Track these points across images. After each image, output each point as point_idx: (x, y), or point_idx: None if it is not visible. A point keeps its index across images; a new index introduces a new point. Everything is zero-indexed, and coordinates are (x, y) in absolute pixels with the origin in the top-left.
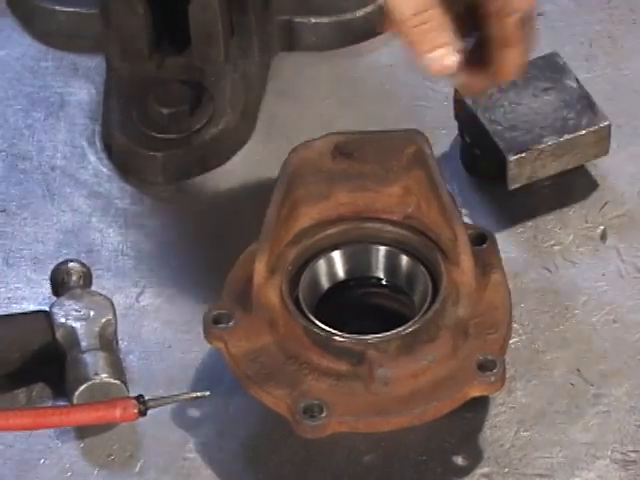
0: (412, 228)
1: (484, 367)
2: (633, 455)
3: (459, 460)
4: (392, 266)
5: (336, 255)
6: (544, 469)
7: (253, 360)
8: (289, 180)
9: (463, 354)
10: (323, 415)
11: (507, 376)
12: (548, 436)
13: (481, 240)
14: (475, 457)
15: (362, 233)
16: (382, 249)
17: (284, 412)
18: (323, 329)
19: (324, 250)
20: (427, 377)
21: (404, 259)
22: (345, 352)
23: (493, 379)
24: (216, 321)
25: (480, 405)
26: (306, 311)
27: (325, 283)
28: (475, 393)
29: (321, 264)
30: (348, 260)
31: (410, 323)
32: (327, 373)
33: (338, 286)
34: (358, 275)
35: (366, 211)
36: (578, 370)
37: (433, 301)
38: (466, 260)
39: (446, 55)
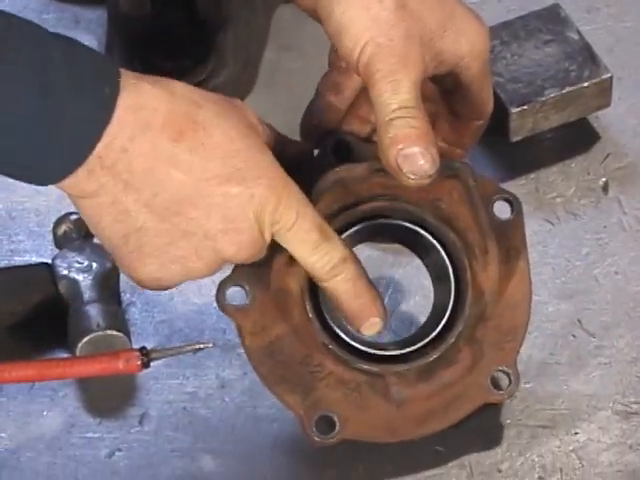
0: (441, 218)
1: (498, 384)
2: (634, 406)
3: None
4: (419, 246)
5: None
6: (546, 420)
7: (269, 356)
8: (327, 188)
9: (478, 369)
10: (335, 431)
11: None
12: (550, 388)
13: (506, 203)
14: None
15: (392, 211)
16: (411, 228)
17: (297, 417)
18: (342, 350)
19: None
20: (442, 396)
21: (431, 242)
22: (363, 369)
23: (506, 397)
24: (230, 297)
25: None
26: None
27: None
28: (486, 402)
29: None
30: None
31: (428, 341)
32: (342, 381)
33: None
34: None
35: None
36: (580, 322)
37: (456, 303)
38: (493, 270)
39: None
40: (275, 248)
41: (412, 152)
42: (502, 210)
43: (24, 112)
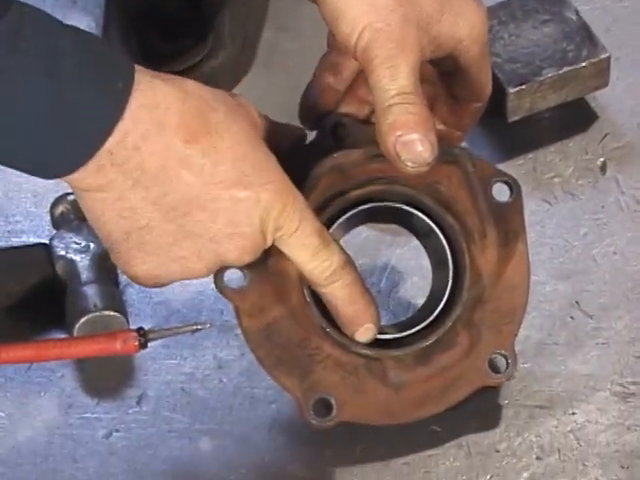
0: (439, 201)
1: (496, 366)
2: (632, 387)
3: None
4: (416, 229)
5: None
6: (544, 401)
7: (266, 339)
8: (323, 174)
9: (476, 352)
10: (332, 414)
11: None
12: (548, 368)
13: (505, 185)
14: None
15: (390, 194)
16: (409, 211)
17: (295, 399)
18: (340, 333)
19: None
20: (439, 380)
21: (428, 225)
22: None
23: (504, 380)
24: (228, 279)
25: None
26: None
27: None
28: (484, 385)
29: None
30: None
31: (425, 325)
32: (339, 364)
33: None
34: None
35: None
36: (577, 302)
37: (454, 286)
38: (492, 253)
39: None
40: None
41: (411, 139)
42: (501, 192)
43: (35, 103)
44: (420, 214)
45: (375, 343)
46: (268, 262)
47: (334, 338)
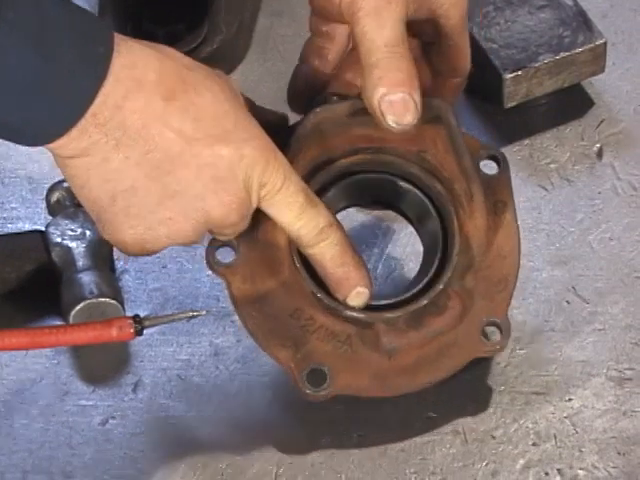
0: (427, 169)
1: (489, 333)
2: (628, 372)
3: (455, 378)
4: (405, 198)
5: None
6: (540, 387)
7: (258, 310)
8: (306, 135)
9: (469, 318)
10: (326, 384)
11: None
12: (544, 354)
13: (492, 160)
14: (471, 375)
15: (377, 164)
16: (396, 181)
17: (288, 371)
18: (332, 298)
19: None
20: (433, 346)
21: (417, 195)
22: (352, 319)
23: (498, 347)
24: (219, 254)
25: None
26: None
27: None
28: (478, 356)
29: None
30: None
31: (417, 291)
32: (332, 333)
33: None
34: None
35: (381, 145)
36: (574, 288)
37: (444, 253)
38: (480, 218)
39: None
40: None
41: (396, 98)
42: (488, 166)
43: (20, 72)
44: (407, 184)
45: (367, 308)
46: (258, 235)
47: (325, 304)
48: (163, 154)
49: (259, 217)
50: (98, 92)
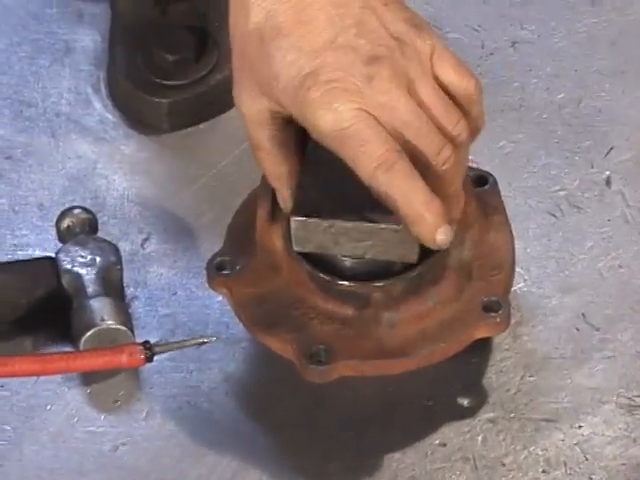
0: None
1: (489, 308)
2: (638, 400)
3: (465, 405)
4: None
5: None
6: (550, 414)
7: (259, 306)
8: None
9: (468, 296)
10: (329, 360)
11: (513, 322)
12: (554, 381)
13: (482, 182)
14: (481, 402)
15: None
16: None
17: (290, 356)
18: (327, 274)
19: None
20: (432, 319)
21: None
22: (350, 296)
23: (498, 320)
24: (219, 268)
25: (486, 350)
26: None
27: None
28: (481, 334)
29: None
30: None
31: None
32: (332, 317)
33: None
34: None
35: None
36: (584, 315)
37: None
38: (469, 203)
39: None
40: (257, 203)
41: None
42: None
43: None
44: None
45: (361, 280)
46: (255, 248)
47: (321, 283)
48: None
49: (254, 229)
50: None
